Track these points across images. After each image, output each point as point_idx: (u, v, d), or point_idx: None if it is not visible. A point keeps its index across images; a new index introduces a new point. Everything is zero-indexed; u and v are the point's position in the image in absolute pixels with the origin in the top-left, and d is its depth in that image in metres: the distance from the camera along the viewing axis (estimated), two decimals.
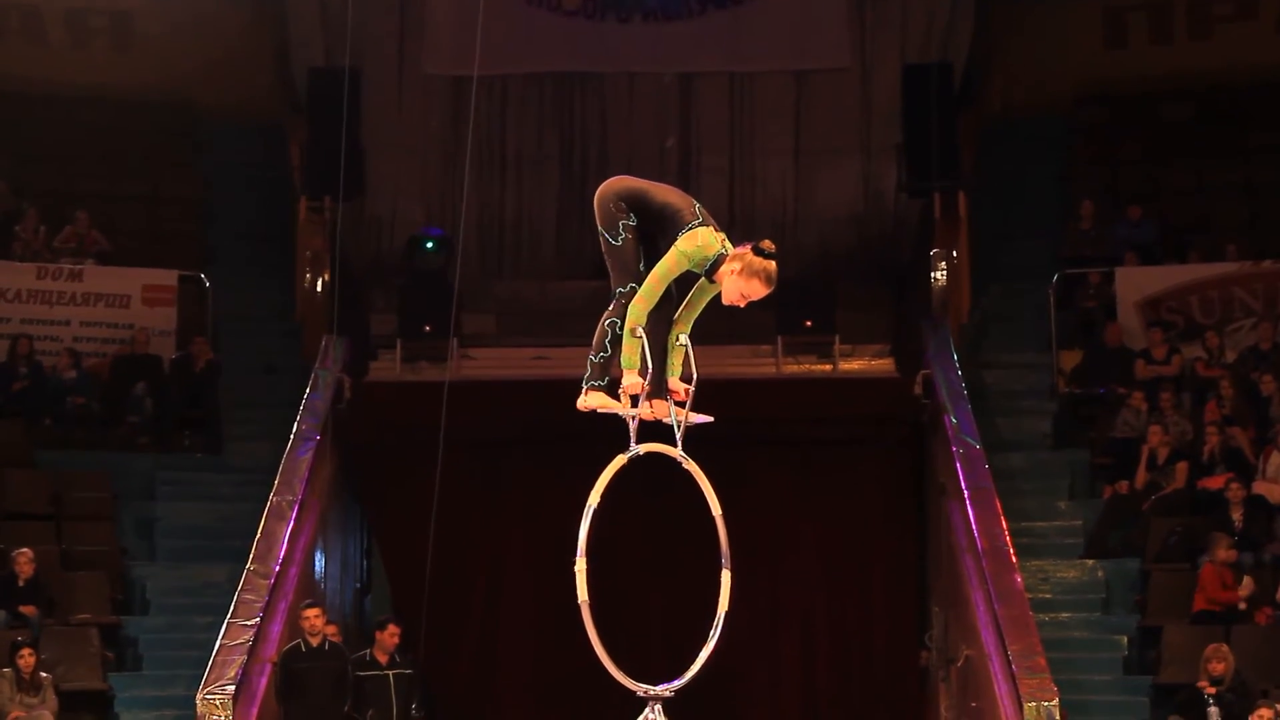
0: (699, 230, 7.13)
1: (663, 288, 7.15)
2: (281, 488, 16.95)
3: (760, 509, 19.00)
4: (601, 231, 7.30)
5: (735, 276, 7.13)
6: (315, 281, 20.78)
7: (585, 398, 7.41)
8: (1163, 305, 20.28)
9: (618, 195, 7.30)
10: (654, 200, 7.27)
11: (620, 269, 7.27)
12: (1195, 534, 17.20)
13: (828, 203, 22.70)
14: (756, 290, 7.13)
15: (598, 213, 7.33)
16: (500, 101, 22.53)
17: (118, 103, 22.51)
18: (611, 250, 7.28)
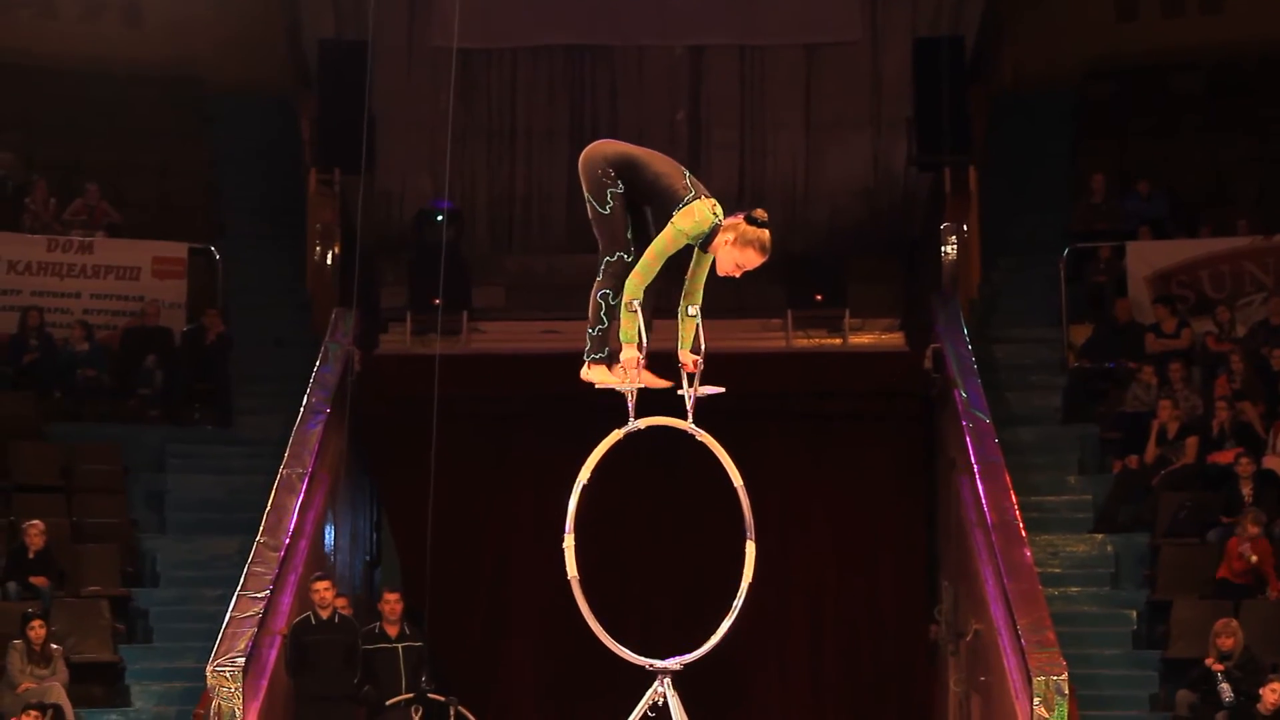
0: (694, 205, 7.10)
1: (660, 264, 7.14)
2: (291, 461, 16.97)
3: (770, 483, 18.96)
4: (588, 198, 7.28)
5: (730, 247, 7.11)
6: (325, 255, 20.78)
7: (587, 371, 7.41)
8: (1173, 280, 20.26)
9: (606, 161, 7.26)
10: (644, 168, 7.23)
11: (608, 237, 7.25)
12: (1205, 509, 17.20)
13: (838, 176, 22.65)
14: (751, 260, 7.11)
15: (584, 178, 7.30)
16: (510, 75, 22.50)
17: (128, 76, 22.50)
18: (599, 218, 7.26)
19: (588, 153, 7.35)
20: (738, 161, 22.64)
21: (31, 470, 18.40)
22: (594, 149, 7.36)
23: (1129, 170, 21.77)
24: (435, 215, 21.57)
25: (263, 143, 22.75)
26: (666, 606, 18.25)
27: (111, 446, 18.84)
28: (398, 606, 15.80)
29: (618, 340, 7.29)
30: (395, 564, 19.95)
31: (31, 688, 15.24)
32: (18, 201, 20.93)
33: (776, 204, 21.98)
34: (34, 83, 22.00)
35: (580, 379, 7.46)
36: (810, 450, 19.70)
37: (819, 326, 20.62)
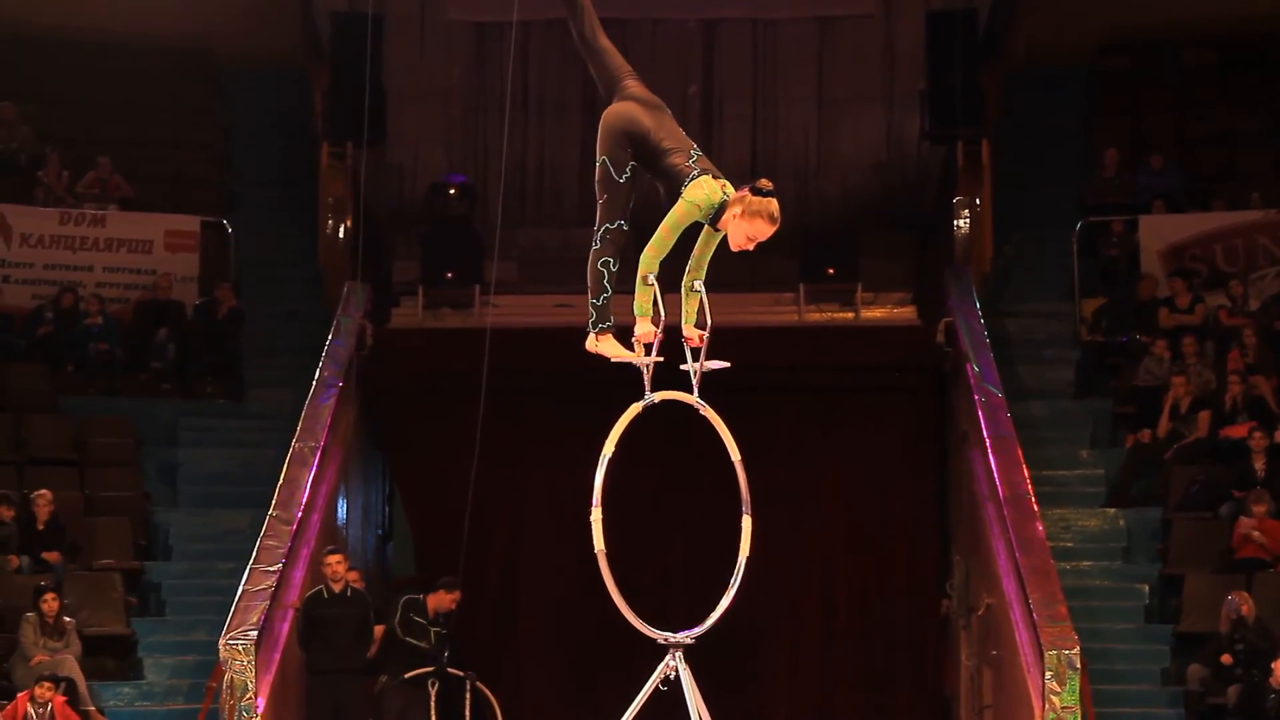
0: (703, 179, 7.13)
1: (673, 238, 7.15)
2: (304, 434, 16.98)
3: (782, 457, 19.02)
4: (605, 161, 7.28)
5: (739, 220, 7.12)
6: (337, 228, 20.78)
7: (597, 343, 7.39)
8: (1186, 253, 20.22)
9: (627, 134, 7.27)
10: (655, 142, 7.25)
11: (613, 204, 7.26)
12: (1217, 483, 17.19)
13: (851, 150, 22.63)
14: (762, 230, 7.12)
15: (606, 139, 7.30)
16: (523, 48, 22.47)
17: (141, 49, 22.47)
18: (610, 183, 7.26)
19: (612, 117, 7.35)
20: (750, 135, 22.62)
21: (45, 443, 18.44)
22: (618, 115, 7.35)
23: (1142, 144, 21.73)
24: (448, 189, 21.56)
25: (275, 115, 22.74)
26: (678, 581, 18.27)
27: (124, 420, 18.87)
28: (454, 606, 15.89)
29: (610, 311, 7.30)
30: (408, 537, 19.98)
31: (44, 660, 15.29)
32: (30, 174, 20.93)
33: (789, 178, 21.97)
34: (47, 56, 21.99)
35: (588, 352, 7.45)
36: (822, 424, 19.71)
37: (831, 301, 20.61)
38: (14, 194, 20.65)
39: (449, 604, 15.87)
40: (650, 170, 7.25)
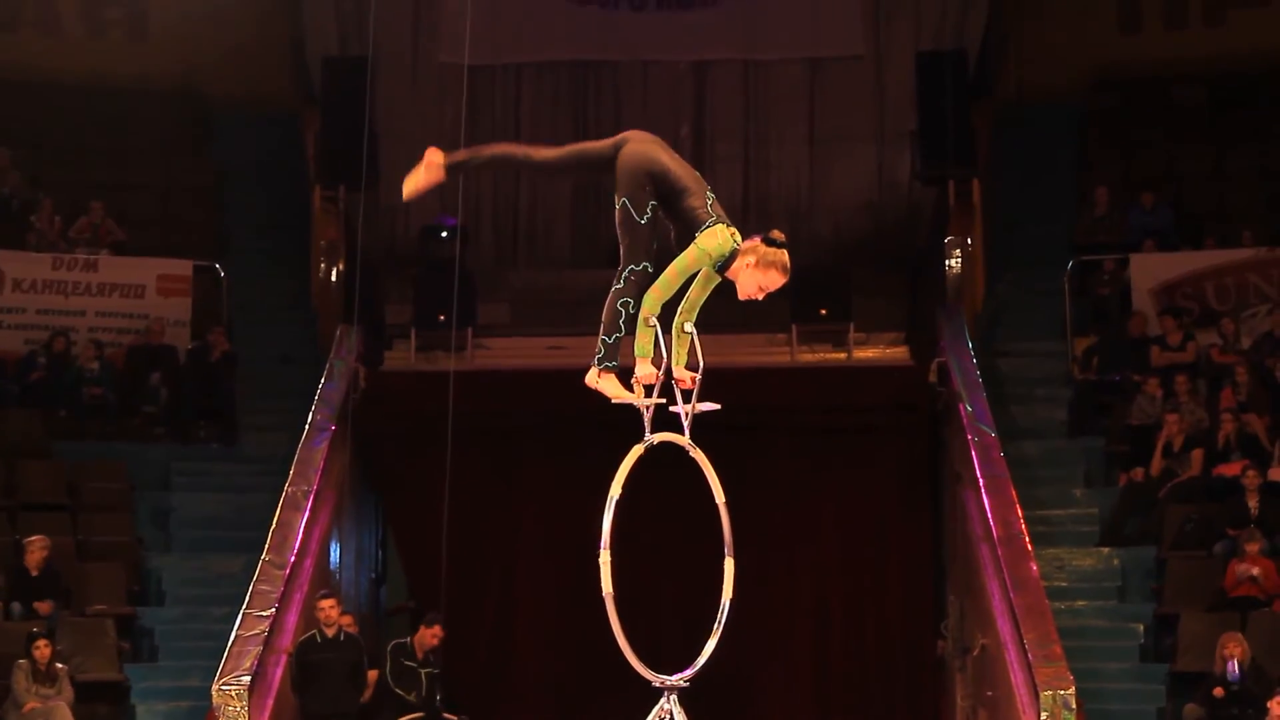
0: (717, 228, 7.13)
1: (680, 282, 7.15)
2: (297, 478, 16.96)
3: (775, 497, 19.02)
4: (625, 203, 7.26)
5: (751, 270, 7.13)
6: (330, 271, 20.77)
7: (599, 380, 7.38)
8: (1178, 292, 20.24)
9: (648, 173, 7.25)
10: (675, 180, 7.24)
11: (635, 247, 7.22)
12: (1211, 521, 17.17)
13: (842, 190, 22.66)
14: (774, 281, 7.15)
15: (625, 182, 7.26)
16: (514, 90, 22.51)
17: (133, 93, 22.52)
18: (631, 225, 7.23)
19: (633, 157, 7.31)
20: (742, 176, 22.65)
21: (37, 488, 18.40)
22: (639, 155, 7.32)
23: (1133, 182, 21.76)
24: (440, 231, 21.58)
25: (267, 159, 22.76)
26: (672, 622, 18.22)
27: (117, 464, 18.85)
28: (437, 641, 15.85)
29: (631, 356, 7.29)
30: (401, 581, 19.94)
31: (37, 707, 15.23)
32: (23, 220, 20.94)
33: (781, 218, 21.96)
34: (39, 100, 22.03)
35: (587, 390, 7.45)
36: (816, 464, 19.69)
37: (824, 341, 20.61)
38: (6, 239, 20.65)
39: (432, 640, 15.84)
40: (667, 210, 7.24)
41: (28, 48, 22.63)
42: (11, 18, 22.85)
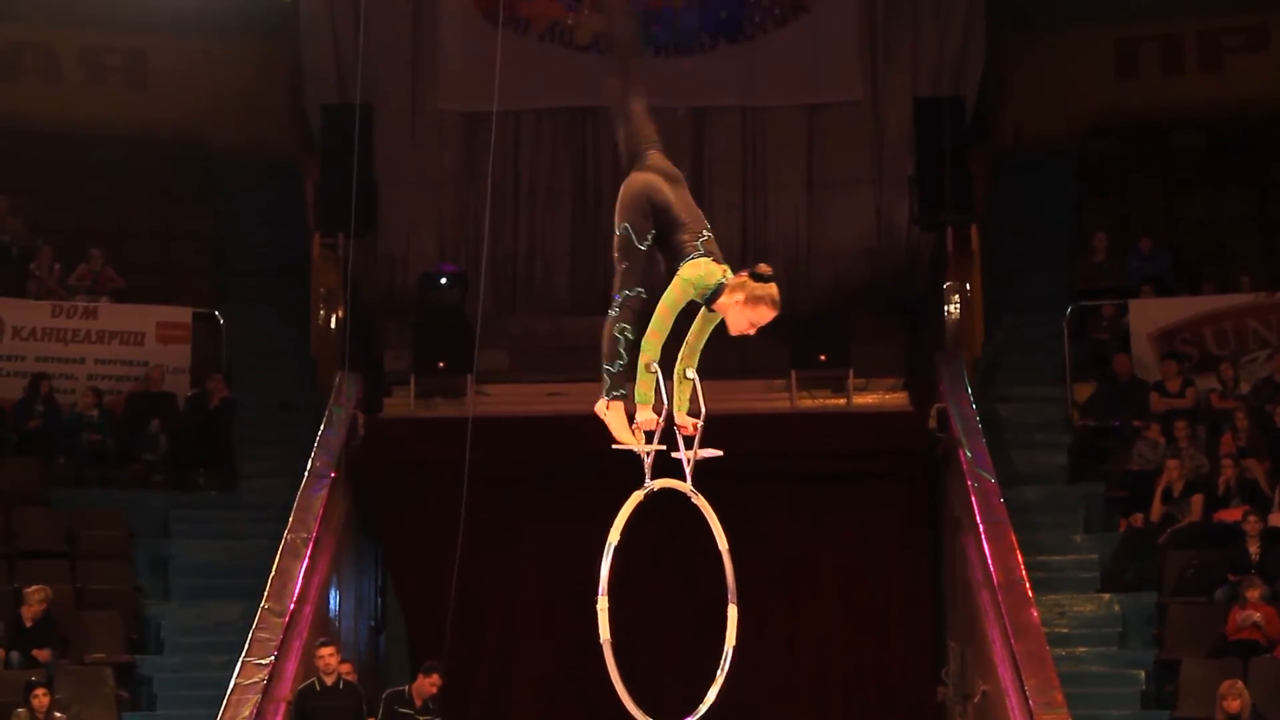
0: (701, 260, 7.15)
1: (672, 318, 7.14)
2: (296, 525, 16.94)
3: (775, 543, 18.98)
4: (627, 227, 7.27)
5: (741, 306, 7.13)
6: (329, 318, 20.78)
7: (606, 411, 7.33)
8: (1177, 337, 20.25)
9: (652, 203, 7.28)
10: (674, 215, 7.27)
11: (632, 271, 7.22)
12: (1212, 567, 17.14)
13: (840, 236, 22.68)
14: (764, 315, 7.14)
15: (627, 208, 7.29)
16: (513, 136, 22.55)
17: (132, 140, 22.58)
18: (630, 250, 7.24)
19: (638, 184, 7.34)
20: (740, 221, 22.68)
21: (35, 536, 18.37)
22: (645, 183, 7.35)
23: (1131, 228, 21.80)
24: (439, 278, 21.60)
25: (267, 206, 22.80)
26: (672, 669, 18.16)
27: (115, 512, 18.81)
28: (435, 689, 15.80)
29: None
30: (401, 628, 19.89)
31: None
32: (22, 267, 20.96)
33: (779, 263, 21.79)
34: (39, 147, 22.08)
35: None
36: (816, 510, 19.66)
37: (823, 387, 20.60)
38: (6, 286, 20.67)
39: (430, 688, 15.77)
40: (662, 243, 7.27)
41: (28, 95, 22.70)
42: (12, 66, 22.94)
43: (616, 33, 7.40)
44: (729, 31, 22.73)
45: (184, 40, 22.81)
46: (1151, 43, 23.32)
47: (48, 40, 23.05)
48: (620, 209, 7.31)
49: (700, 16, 22.74)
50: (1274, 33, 22.89)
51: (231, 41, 22.91)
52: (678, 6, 22.74)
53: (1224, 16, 22.95)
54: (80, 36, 23.08)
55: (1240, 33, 23.03)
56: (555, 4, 22.77)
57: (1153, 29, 23.24)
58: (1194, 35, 23.17)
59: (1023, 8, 23.04)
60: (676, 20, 22.74)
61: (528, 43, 22.46)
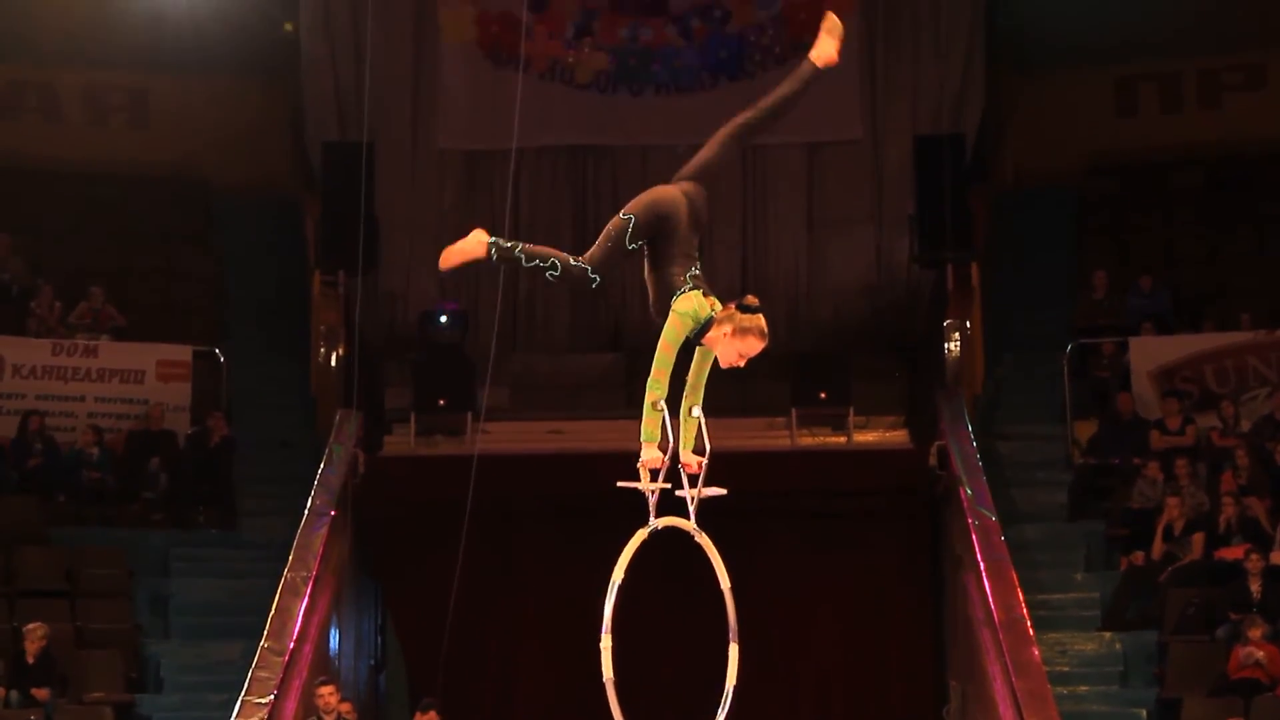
0: (692, 294, 7.21)
1: (672, 354, 7.19)
2: (296, 564, 16.92)
3: (776, 581, 18.96)
4: (632, 219, 7.37)
5: (729, 338, 7.19)
6: (330, 356, 20.78)
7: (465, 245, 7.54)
8: (1177, 375, 20.25)
9: (663, 218, 7.42)
10: (674, 244, 7.38)
11: (605, 255, 7.43)
12: (1213, 605, 17.11)
13: (840, 274, 22.71)
14: (753, 346, 7.20)
15: (641, 206, 7.45)
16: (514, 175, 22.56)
17: (133, 179, 22.62)
18: (617, 241, 7.43)
19: (663, 194, 7.52)
20: (740, 259, 22.73)
21: (35, 575, 18.34)
22: (668, 198, 7.53)
23: (1131, 266, 21.82)
24: (439, 316, 21.61)
25: (267, 244, 22.82)
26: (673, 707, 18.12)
27: (115, 550, 18.78)
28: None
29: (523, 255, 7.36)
30: (401, 667, 19.85)
31: None
32: (23, 305, 20.97)
33: (780, 301, 22.04)
34: (40, 186, 22.11)
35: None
36: (816, 548, 19.65)
37: (823, 425, 20.60)
38: (6, 325, 20.67)
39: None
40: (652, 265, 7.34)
41: (29, 135, 22.73)
42: (14, 105, 22.98)
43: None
44: (729, 70, 22.79)
45: (185, 79, 22.87)
46: (1150, 82, 23.37)
47: (49, 79, 23.11)
48: (637, 201, 7.42)
49: (701, 56, 22.81)
50: (1272, 72, 22.95)
51: (233, 80, 22.96)
52: (679, 46, 22.81)
53: (1222, 56, 23.01)
54: (82, 75, 23.13)
55: (1239, 71, 23.09)
56: (556, 42, 22.85)
57: (1152, 68, 23.29)
58: (1193, 74, 23.22)
59: (1022, 47, 23.10)
60: (677, 59, 22.81)
61: (528, 81, 22.49)
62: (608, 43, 22.85)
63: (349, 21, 22.24)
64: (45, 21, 22.31)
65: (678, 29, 22.88)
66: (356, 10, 22.02)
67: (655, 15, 22.89)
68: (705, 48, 22.82)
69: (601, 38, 22.86)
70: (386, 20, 21.61)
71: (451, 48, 22.53)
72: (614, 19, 22.90)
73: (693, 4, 22.88)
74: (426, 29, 22.71)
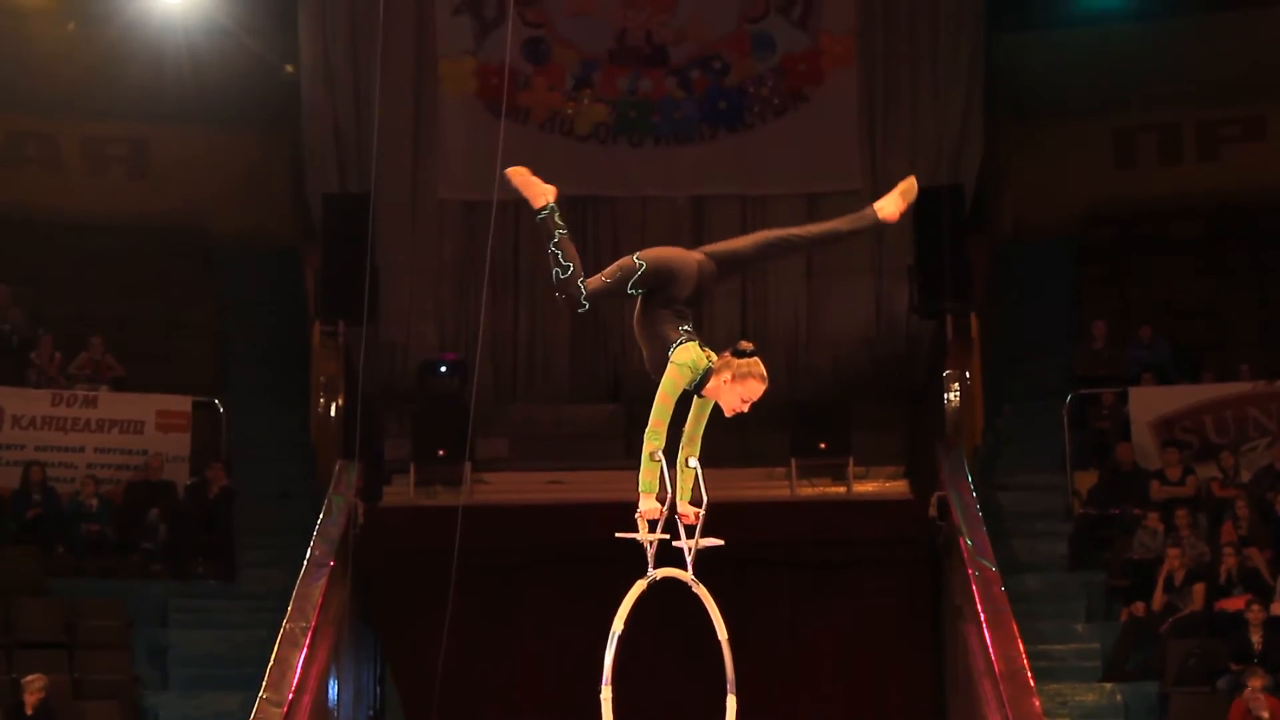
0: (689, 344, 7.25)
1: (671, 404, 7.22)
2: (295, 614, 16.88)
3: (776, 631, 18.93)
4: (641, 266, 7.50)
5: (730, 385, 7.23)
6: (329, 406, 20.78)
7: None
8: (1177, 425, 20.24)
9: (673, 275, 7.47)
10: (672, 306, 7.41)
11: (609, 287, 7.57)
12: (1214, 656, 17.07)
13: (840, 324, 22.74)
14: (754, 390, 7.26)
15: (657, 256, 7.53)
16: (513, 225, 22.63)
17: (133, 229, 22.65)
18: (621, 280, 7.55)
19: (678, 254, 7.58)
20: (740, 310, 22.74)
21: (33, 626, 18.29)
22: (682, 258, 7.58)
23: (1130, 316, 21.83)
24: (439, 366, 21.62)
25: (267, 294, 22.85)
26: None
27: (114, 602, 18.73)
28: None
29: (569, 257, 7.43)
30: (399, 718, 19.79)
31: None
32: (23, 356, 20.98)
33: (779, 352, 22.07)
34: (41, 237, 22.14)
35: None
36: (816, 599, 19.63)
37: (823, 475, 20.59)
38: (6, 376, 20.67)
39: None
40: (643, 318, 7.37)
41: (30, 185, 22.78)
42: (14, 156, 23.03)
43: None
44: (729, 121, 22.87)
45: (186, 129, 22.93)
46: (1149, 132, 23.45)
47: (50, 130, 23.17)
48: (654, 252, 7.49)
49: (700, 107, 22.88)
50: (1270, 122, 23.02)
51: (233, 130, 23.03)
52: (679, 97, 22.88)
53: (1221, 107, 23.09)
54: (82, 126, 23.20)
55: (1237, 123, 23.16)
56: (555, 94, 22.92)
57: (1150, 119, 23.37)
58: (1191, 125, 23.30)
59: (1021, 98, 23.19)
60: (677, 110, 22.88)
61: (528, 132, 22.58)
62: (607, 94, 22.93)
63: (349, 68, 22.35)
64: (45, 72, 22.41)
65: (677, 80, 22.95)
66: (356, 57, 22.14)
67: (655, 67, 22.97)
68: (705, 99, 22.89)
69: (601, 89, 22.94)
70: (387, 70, 21.66)
71: (451, 98, 22.59)
72: (613, 71, 22.98)
73: (692, 55, 22.96)
74: (426, 80, 22.78)
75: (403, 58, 22.46)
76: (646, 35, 22.98)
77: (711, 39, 22.95)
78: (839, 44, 22.82)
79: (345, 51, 22.43)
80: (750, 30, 22.92)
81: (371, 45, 20.98)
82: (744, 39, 22.91)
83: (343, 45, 22.46)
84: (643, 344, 7.42)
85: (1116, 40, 22.85)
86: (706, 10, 22.95)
